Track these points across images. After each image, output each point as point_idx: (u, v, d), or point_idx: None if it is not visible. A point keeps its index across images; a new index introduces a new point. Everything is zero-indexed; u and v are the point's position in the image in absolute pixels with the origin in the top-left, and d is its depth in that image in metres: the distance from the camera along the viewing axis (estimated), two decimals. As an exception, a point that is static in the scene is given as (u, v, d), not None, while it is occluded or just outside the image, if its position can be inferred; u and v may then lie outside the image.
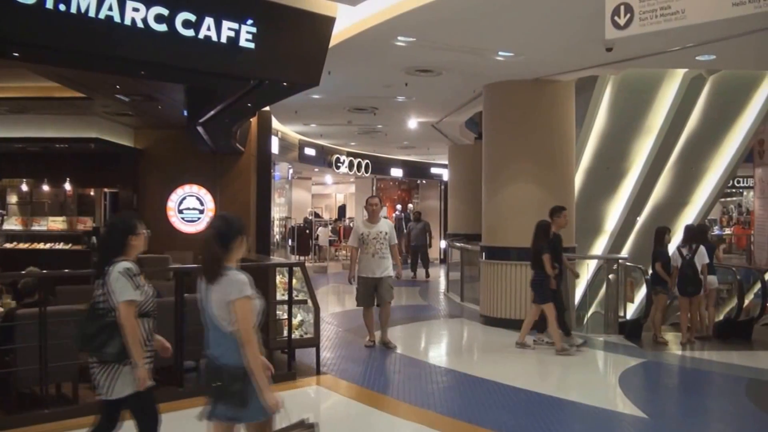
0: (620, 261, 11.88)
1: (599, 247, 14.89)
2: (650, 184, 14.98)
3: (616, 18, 6.38)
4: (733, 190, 30.84)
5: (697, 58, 10.42)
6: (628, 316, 11.65)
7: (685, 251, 10.76)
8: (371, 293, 10.17)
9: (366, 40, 9.50)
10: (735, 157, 15.22)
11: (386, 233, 10.24)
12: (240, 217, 4.46)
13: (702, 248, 10.66)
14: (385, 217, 11.68)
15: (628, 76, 12.87)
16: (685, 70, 13.05)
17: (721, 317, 11.70)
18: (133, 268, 4.57)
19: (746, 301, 12.03)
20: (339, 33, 9.11)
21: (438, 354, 10.90)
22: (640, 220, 15.80)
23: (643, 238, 15.38)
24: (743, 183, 29.30)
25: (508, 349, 10.25)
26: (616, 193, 14.79)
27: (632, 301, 12.07)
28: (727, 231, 30.32)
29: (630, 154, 14.38)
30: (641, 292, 11.85)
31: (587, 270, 13.93)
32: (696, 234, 11.08)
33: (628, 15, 6.32)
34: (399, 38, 9.35)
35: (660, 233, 11.08)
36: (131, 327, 4.45)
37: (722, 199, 30.19)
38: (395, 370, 9.30)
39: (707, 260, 10.69)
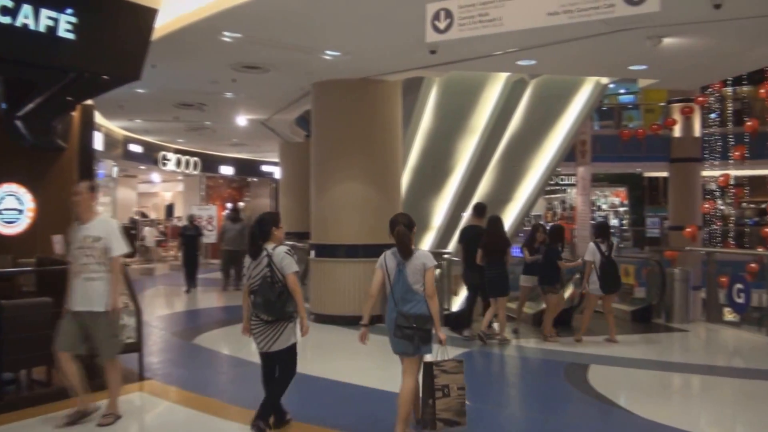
0: (445, 256, 12.35)
1: (427, 242, 15.17)
2: (475, 182, 15.39)
3: (436, 22, 6.57)
4: (557, 188, 32.44)
5: (518, 62, 10.89)
6: (454, 309, 12.02)
7: (604, 247, 10.51)
8: (74, 333, 6.44)
9: (191, 34, 9.32)
10: (556, 157, 15.85)
11: (98, 239, 6.60)
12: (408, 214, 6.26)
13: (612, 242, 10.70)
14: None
15: (453, 78, 13.19)
16: (508, 73, 13.53)
17: (542, 307, 12.20)
18: (291, 249, 6.20)
19: (567, 292, 12.63)
20: (164, 26, 8.88)
21: (268, 353, 10.80)
22: (465, 215, 16.24)
23: (468, 234, 15.81)
24: (566, 181, 30.91)
25: (339, 346, 10.33)
26: (442, 190, 15.12)
27: (457, 294, 12.46)
28: (551, 225, 31.82)
29: (455, 153, 14.74)
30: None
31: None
32: (601, 229, 11.19)
33: (448, 20, 6.52)
34: (225, 33, 9.23)
35: (558, 231, 11.24)
36: (300, 290, 6.14)
37: (547, 196, 31.74)
38: (223, 372, 9.20)
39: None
